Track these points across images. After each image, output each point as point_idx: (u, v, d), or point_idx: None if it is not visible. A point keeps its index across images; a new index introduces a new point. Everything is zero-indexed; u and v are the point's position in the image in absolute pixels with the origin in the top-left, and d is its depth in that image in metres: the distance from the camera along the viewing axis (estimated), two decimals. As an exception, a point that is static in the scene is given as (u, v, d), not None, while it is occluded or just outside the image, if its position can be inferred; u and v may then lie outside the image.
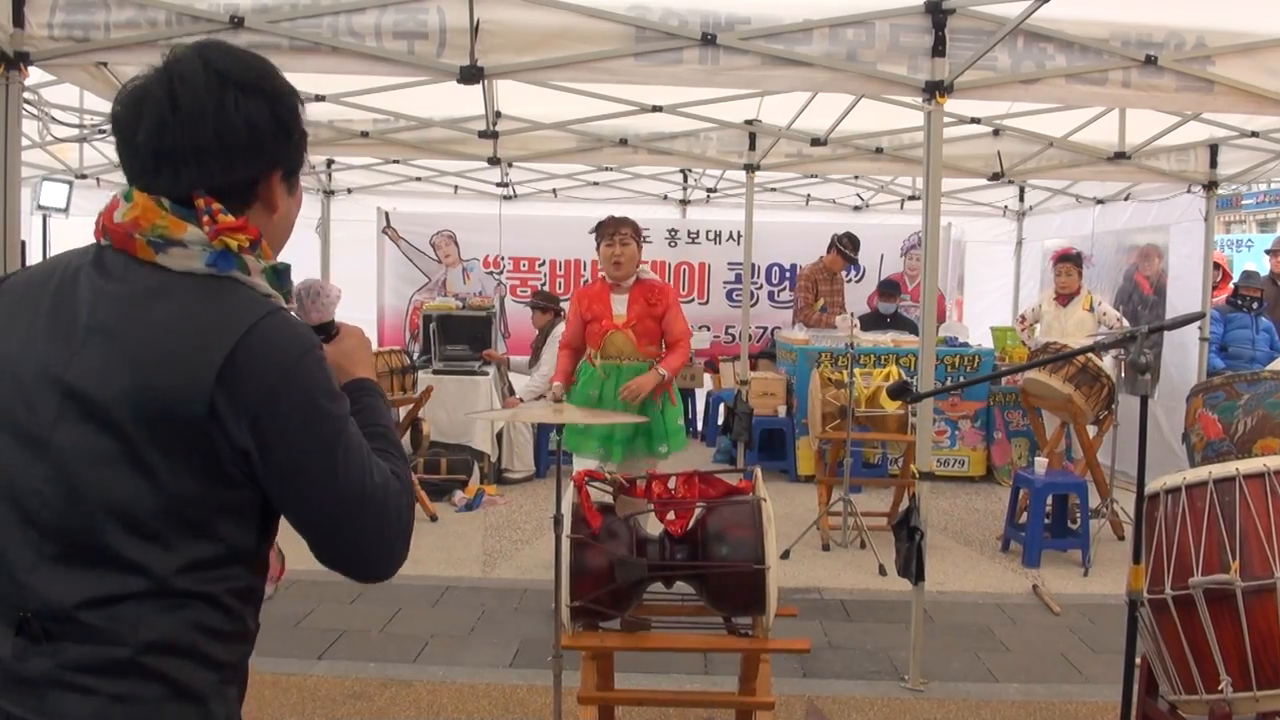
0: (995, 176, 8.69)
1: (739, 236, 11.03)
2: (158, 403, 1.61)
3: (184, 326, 1.64)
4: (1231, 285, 10.00)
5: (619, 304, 6.25)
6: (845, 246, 10.70)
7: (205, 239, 1.67)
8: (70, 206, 9.88)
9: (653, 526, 3.87)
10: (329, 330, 2.04)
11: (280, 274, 1.79)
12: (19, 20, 4.81)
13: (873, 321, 10.79)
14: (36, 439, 1.65)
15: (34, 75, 5.20)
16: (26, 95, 5.42)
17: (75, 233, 11.60)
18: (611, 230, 6.19)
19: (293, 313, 1.80)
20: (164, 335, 1.64)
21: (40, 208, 9.29)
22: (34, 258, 9.40)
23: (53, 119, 7.59)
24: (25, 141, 5.39)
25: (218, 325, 1.64)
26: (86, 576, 1.62)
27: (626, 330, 6.18)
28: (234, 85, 1.71)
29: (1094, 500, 7.73)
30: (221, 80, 1.71)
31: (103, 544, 1.62)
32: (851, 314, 9.71)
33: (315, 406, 1.68)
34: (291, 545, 1.96)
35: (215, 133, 1.69)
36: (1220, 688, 3.31)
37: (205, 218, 1.68)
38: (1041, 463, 7.53)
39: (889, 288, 11.13)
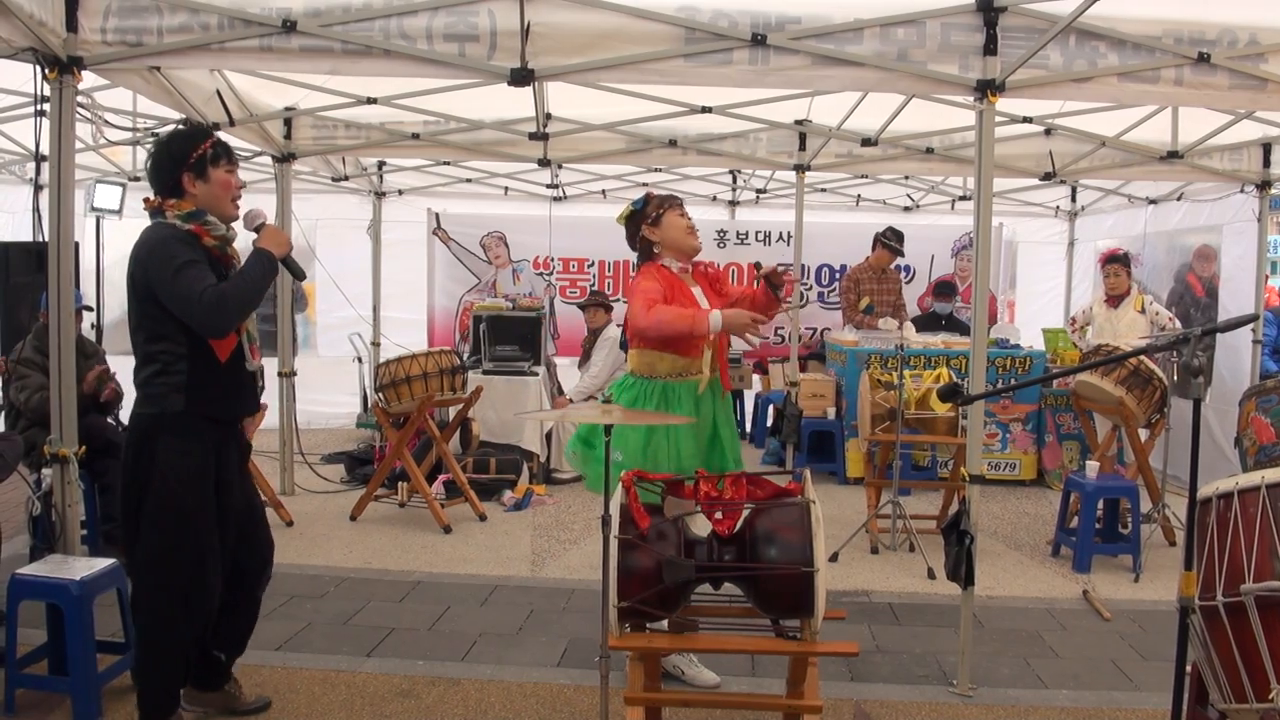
0: (1047, 176, 8.65)
1: (788, 237, 11.01)
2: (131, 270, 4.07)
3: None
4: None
5: (700, 299, 5.02)
6: (889, 239, 10.63)
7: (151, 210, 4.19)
8: (124, 208, 9.99)
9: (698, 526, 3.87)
10: (260, 229, 4.25)
11: (192, 215, 4.07)
12: (72, 25, 4.88)
13: (928, 322, 10.74)
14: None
15: (87, 79, 5.27)
16: (80, 99, 5.48)
17: (128, 234, 11.70)
18: (676, 200, 5.10)
19: (242, 222, 4.30)
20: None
21: (94, 209, 9.38)
22: (87, 260, 9.53)
23: (106, 122, 7.68)
24: (79, 144, 5.46)
25: (143, 233, 4.08)
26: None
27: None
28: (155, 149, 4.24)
29: (1145, 505, 7.64)
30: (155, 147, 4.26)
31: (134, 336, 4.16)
32: (890, 316, 9.69)
33: (161, 261, 3.93)
34: (337, 550, 1.99)
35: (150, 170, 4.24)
36: (1271, 696, 3.26)
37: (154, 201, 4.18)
38: (1093, 466, 7.45)
39: (945, 288, 11.01)
